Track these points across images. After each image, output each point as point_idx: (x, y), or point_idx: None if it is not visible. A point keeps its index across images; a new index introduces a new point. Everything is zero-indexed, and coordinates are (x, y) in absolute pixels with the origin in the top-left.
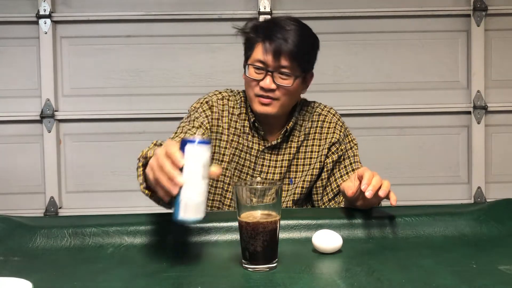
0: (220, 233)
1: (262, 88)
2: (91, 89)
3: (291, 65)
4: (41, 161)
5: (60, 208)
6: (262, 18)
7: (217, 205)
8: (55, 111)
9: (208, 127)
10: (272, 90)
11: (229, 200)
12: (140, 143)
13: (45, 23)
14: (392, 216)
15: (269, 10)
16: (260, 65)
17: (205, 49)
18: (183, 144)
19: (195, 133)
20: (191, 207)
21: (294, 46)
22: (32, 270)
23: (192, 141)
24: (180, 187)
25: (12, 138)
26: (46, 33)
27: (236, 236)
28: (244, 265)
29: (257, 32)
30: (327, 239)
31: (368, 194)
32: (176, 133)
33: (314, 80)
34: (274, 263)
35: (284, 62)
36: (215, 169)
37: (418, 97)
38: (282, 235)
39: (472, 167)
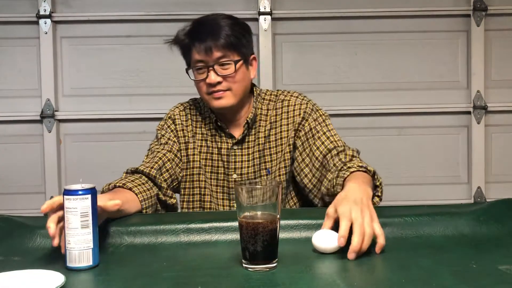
0: (220, 233)
1: (209, 85)
2: (91, 89)
3: (226, 54)
4: (41, 161)
5: None
6: (262, 17)
7: (197, 211)
8: (55, 111)
9: (176, 140)
10: (219, 83)
11: (208, 203)
12: (140, 143)
13: (45, 23)
14: (392, 216)
15: (269, 10)
16: (200, 64)
17: None
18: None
19: (163, 149)
20: (73, 256)
21: (222, 36)
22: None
23: (68, 192)
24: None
25: (12, 138)
26: (46, 33)
27: (236, 236)
28: (244, 265)
29: (188, 37)
30: (327, 239)
31: (350, 256)
32: (147, 155)
33: (314, 80)
34: (274, 263)
35: (218, 53)
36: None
37: (418, 97)
38: (282, 235)
39: (472, 167)
